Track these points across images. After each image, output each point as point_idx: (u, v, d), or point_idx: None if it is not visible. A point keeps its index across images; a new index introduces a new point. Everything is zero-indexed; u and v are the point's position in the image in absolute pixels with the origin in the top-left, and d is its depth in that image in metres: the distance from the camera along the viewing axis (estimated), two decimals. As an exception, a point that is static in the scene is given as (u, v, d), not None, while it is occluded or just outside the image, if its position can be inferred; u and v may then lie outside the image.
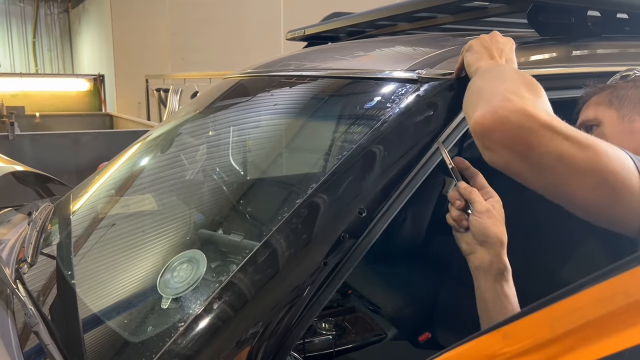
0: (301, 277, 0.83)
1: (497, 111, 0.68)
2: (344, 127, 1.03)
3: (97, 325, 0.95)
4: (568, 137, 0.66)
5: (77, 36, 9.33)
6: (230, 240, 0.94)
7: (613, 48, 1.25)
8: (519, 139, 0.67)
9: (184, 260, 0.91)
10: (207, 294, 0.84)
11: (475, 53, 0.90)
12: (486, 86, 0.77)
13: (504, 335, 0.44)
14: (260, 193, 1.08)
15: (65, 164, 3.63)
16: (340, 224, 0.84)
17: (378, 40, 1.63)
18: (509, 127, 0.67)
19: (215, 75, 4.62)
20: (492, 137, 0.68)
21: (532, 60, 1.12)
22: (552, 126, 0.66)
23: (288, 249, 0.84)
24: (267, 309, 0.82)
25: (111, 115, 6.26)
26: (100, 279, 1.10)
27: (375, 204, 0.86)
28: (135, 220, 1.27)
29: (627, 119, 0.95)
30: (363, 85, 1.08)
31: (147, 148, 1.65)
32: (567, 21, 1.20)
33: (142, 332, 0.86)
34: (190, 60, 6.61)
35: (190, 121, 1.60)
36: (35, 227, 1.49)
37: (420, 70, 1.00)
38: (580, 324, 0.41)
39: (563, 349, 0.41)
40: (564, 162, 0.65)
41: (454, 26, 1.78)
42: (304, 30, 2.13)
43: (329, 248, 0.83)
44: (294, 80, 1.27)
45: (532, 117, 0.67)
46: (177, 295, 0.86)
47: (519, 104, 0.68)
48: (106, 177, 1.65)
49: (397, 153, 0.90)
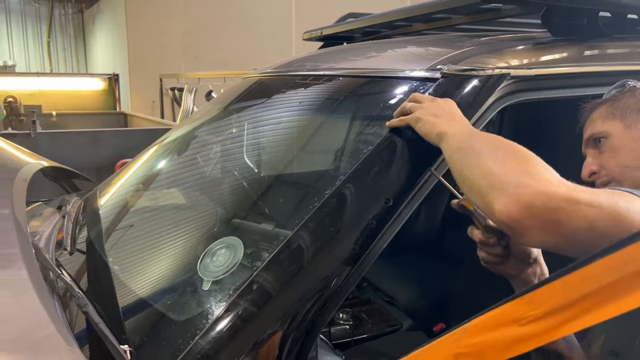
0: (333, 263, 0.90)
1: (519, 199, 0.68)
2: (370, 123, 1.09)
3: (141, 305, 1.02)
4: (591, 204, 0.67)
5: (91, 36, 9.46)
6: (263, 229, 1.01)
7: (624, 48, 1.30)
8: (547, 219, 0.68)
9: (222, 246, 0.98)
10: (244, 278, 0.91)
11: (427, 122, 0.93)
12: (487, 168, 0.77)
13: (529, 302, 0.51)
14: (292, 185, 1.15)
15: (84, 161, 3.72)
16: (368, 212, 0.91)
17: (396, 41, 1.69)
18: (535, 212, 0.68)
19: (229, 74, 4.69)
20: (522, 225, 0.69)
21: (546, 60, 1.17)
22: (573, 198, 0.68)
23: (321, 236, 0.91)
24: (300, 293, 0.88)
25: (125, 114, 6.37)
26: (141, 264, 1.18)
27: (400, 193, 0.93)
28: (170, 211, 1.34)
29: (634, 127, 0.99)
30: (388, 83, 1.15)
31: (175, 144, 1.72)
32: (579, 22, 1.24)
33: (186, 311, 0.93)
34: (204, 60, 6.69)
35: (217, 118, 1.67)
36: (70, 219, 1.57)
37: (442, 66, 1.06)
38: (593, 289, 0.47)
39: (580, 311, 0.48)
40: (594, 230, 0.66)
41: (468, 26, 1.84)
42: (321, 31, 2.19)
43: (358, 234, 0.90)
44: (319, 79, 1.33)
45: (553, 195, 0.68)
46: (217, 278, 0.93)
47: (536, 186, 0.69)
48: (135, 172, 1.73)
49: (420, 146, 0.96)
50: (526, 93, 1.10)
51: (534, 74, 1.10)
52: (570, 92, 1.16)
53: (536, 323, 0.50)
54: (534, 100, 1.13)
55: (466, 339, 0.53)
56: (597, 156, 1.02)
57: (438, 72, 1.08)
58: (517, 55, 1.12)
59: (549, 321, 0.50)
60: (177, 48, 6.83)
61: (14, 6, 9.39)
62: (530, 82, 1.10)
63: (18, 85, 6.54)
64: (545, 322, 0.50)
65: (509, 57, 1.11)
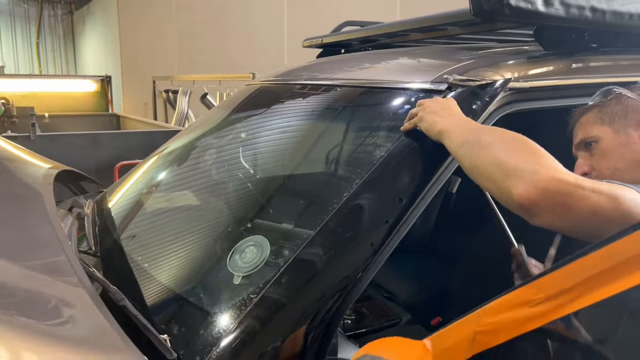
0: (352, 258, 0.99)
1: (536, 185, 0.78)
2: (382, 131, 1.19)
3: (171, 299, 1.11)
4: (594, 191, 0.78)
5: (80, 37, 9.45)
6: (288, 229, 1.11)
7: (608, 61, 1.41)
8: (559, 203, 0.77)
9: (250, 244, 1.07)
10: (271, 274, 1.01)
11: (428, 120, 1.03)
12: (499, 159, 0.86)
13: (537, 287, 0.61)
14: (312, 189, 1.25)
15: (83, 163, 3.76)
16: (384, 211, 1.01)
17: (399, 52, 1.79)
18: (549, 195, 0.77)
19: (225, 77, 4.76)
20: (538, 207, 0.78)
21: (539, 72, 1.28)
22: (580, 185, 0.78)
23: (342, 234, 1.00)
24: (324, 286, 0.98)
25: (118, 116, 6.40)
26: (167, 261, 1.27)
27: (412, 193, 1.03)
28: (194, 212, 1.43)
29: (622, 133, 1.09)
30: (397, 94, 1.25)
31: (189, 148, 1.80)
32: (568, 37, 1.35)
33: (218, 303, 1.02)
34: (197, 62, 6.75)
35: (230, 122, 1.75)
36: (89, 221, 1.64)
37: (448, 76, 1.16)
38: (589, 275, 0.58)
39: (578, 293, 0.58)
40: (597, 214, 0.77)
41: (464, 36, 1.94)
42: (322, 39, 2.29)
43: (374, 232, 1.00)
44: (331, 89, 1.43)
45: (565, 181, 0.78)
46: (247, 273, 1.02)
47: (549, 173, 0.79)
48: (151, 174, 1.80)
49: (428, 148, 1.06)
50: (522, 103, 1.21)
51: (528, 86, 1.21)
52: (560, 102, 1.27)
53: (543, 304, 0.60)
54: (529, 110, 1.24)
55: (484, 318, 0.63)
56: (588, 158, 1.13)
57: (443, 83, 1.19)
58: (513, 68, 1.23)
59: (553, 303, 0.60)
60: (171, 50, 6.88)
61: (2, 7, 9.35)
62: (526, 93, 1.21)
63: (10, 86, 6.54)
64: (550, 303, 0.60)
65: (506, 69, 1.22)
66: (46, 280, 0.94)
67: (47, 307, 0.86)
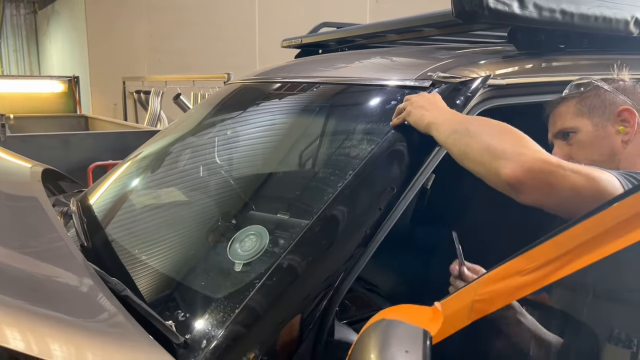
0: (349, 244, 1.05)
1: (522, 165, 0.86)
2: (371, 126, 1.26)
3: (171, 287, 1.14)
4: (575, 171, 0.87)
5: (45, 37, 9.22)
6: (284, 219, 1.16)
7: (575, 60, 1.51)
8: (542, 181, 0.86)
9: (249, 233, 1.12)
10: (271, 261, 1.05)
11: (416, 114, 1.10)
12: (486, 143, 0.94)
13: (527, 257, 0.68)
14: (307, 180, 1.31)
15: (55, 164, 3.70)
16: (377, 199, 1.08)
17: (381, 52, 1.86)
18: (534, 174, 0.86)
19: (199, 77, 4.76)
20: (524, 185, 0.87)
21: (514, 71, 1.37)
22: (562, 165, 0.87)
23: (339, 221, 1.06)
24: (324, 271, 1.03)
25: (86, 117, 6.29)
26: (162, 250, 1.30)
27: (402, 182, 1.10)
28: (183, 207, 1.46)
29: (600, 127, 1.17)
30: (383, 91, 1.32)
31: (172, 145, 1.83)
32: (539, 38, 1.45)
33: (221, 289, 1.06)
34: (167, 63, 6.70)
35: (218, 120, 1.79)
36: (76, 217, 1.65)
37: (432, 74, 1.24)
38: (575, 245, 0.65)
39: (565, 261, 0.66)
40: (577, 192, 0.86)
41: (439, 38, 2.03)
42: (301, 40, 2.34)
43: (369, 219, 1.06)
44: (318, 86, 1.49)
45: (547, 161, 0.87)
46: (248, 261, 1.07)
47: (534, 154, 0.88)
48: (141, 169, 1.82)
49: (415, 140, 1.14)
50: (499, 99, 1.30)
51: (505, 83, 1.29)
52: (534, 99, 1.37)
53: (534, 273, 0.68)
54: (506, 105, 1.32)
55: (481, 288, 0.70)
56: (565, 147, 1.20)
57: (427, 80, 1.26)
58: (491, 67, 1.32)
59: (542, 271, 0.67)
60: (141, 51, 6.80)
61: (-39, 6, 9.05)
62: (503, 90, 1.29)
63: (-29, 87, 6.34)
64: (540, 272, 0.67)
65: (485, 68, 1.30)
66: (55, 271, 0.96)
67: (62, 297, 0.88)
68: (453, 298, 0.69)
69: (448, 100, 1.19)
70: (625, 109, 1.17)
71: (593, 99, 1.20)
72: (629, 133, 1.16)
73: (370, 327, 0.65)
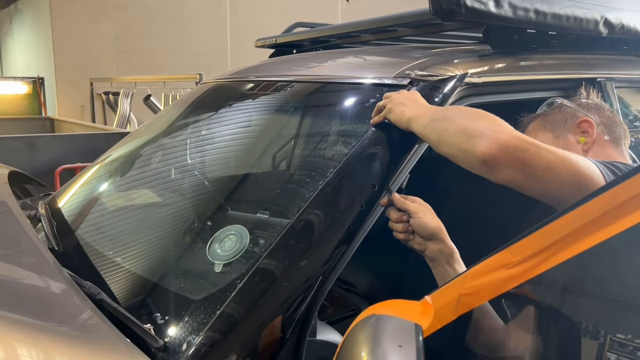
0: (330, 244, 1.05)
1: (497, 141, 0.87)
2: (351, 124, 1.25)
3: (154, 288, 1.11)
4: (549, 151, 0.88)
5: (7, 37, 8.93)
6: (262, 219, 1.14)
7: (547, 60, 1.55)
8: (517, 157, 0.86)
9: (229, 233, 1.09)
10: (252, 262, 1.04)
11: (397, 111, 1.10)
12: (462, 125, 0.94)
13: (512, 250, 0.68)
14: (287, 179, 1.29)
15: (20, 168, 3.60)
16: (359, 197, 1.07)
17: (358, 50, 1.87)
18: (509, 150, 0.87)
19: (170, 78, 4.68)
20: (498, 161, 0.87)
21: (489, 69, 1.38)
22: (537, 144, 0.88)
23: (322, 219, 1.05)
24: (306, 269, 1.02)
25: (52, 119, 6.10)
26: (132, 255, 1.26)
27: (383, 179, 1.10)
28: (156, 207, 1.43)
29: (562, 138, 1.23)
30: (362, 89, 1.32)
31: (144, 146, 1.79)
32: (512, 38, 1.48)
33: (201, 291, 1.04)
34: (135, 63, 6.57)
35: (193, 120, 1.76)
36: (46, 220, 1.60)
37: (410, 72, 1.24)
38: (559, 237, 0.66)
39: (550, 254, 0.66)
40: (551, 171, 0.86)
41: (411, 38, 2.05)
42: (275, 39, 2.33)
43: (351, 216, 1.06)
44: (294, 84, 1.48)
45: (521, 139, 0.88)
46: (228, 261, 1.05)
47: (507, 132, 0.89)
48: (109, 172, 1.77)
49: (396, 138, 1.14)
50: (476, 97, 1.31)
51: (482, 82, 1.31)
52: (509, 97, 1.39)
53: (519, 266, 0.68)
54: (482, 103, 1.34)
55: (467, 282, 0.70)
56: None
57: (405, 78, 1.27)
58: (468, 65, 1.33)
59: (527, 264, 0.68)
60: (109, 51, 6.65)
61: None
62: (479, 87, 1.31)
63: None
64: (526, 265, 0.68)
65: (462, 66, 1.31)
66: (26, 275, 0.92)
67: (34, 302, 0.85)
68: (442, 291, 0.69)
69: (426, 98, 1.19)
70: (584, 120, 1.24)
71: (556, 115, 1.27)
72: (588, 143, 1.21)
73: (360, 324, 0.64)
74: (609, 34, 1.49)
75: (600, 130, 1.23)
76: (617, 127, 1.26)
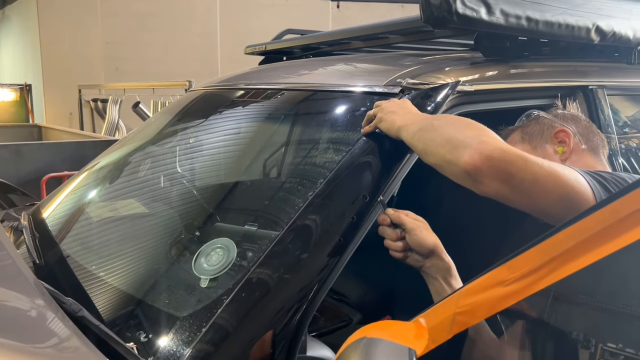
0: (321, 256, 1.01)
1: (481, 152, 0.84)
2: (342, 133, 1.23)
3: (138, 304, 1.07)
4: (536, 162, 0.85)
5: (-6, 44, 8.85)
6: (251, 231, 1.11)
7: (539, 67, 1.53)
8: (502, 169, 0.84)
9: (215, 247, 1.06)
10: (240, 276, 1.00)
11: (387, 120, 1.08)
12: (448, 135, 0.91)
13: (509, 267, 0.66)
14: (276, 190, 1.26)
15: (6, 176, 3.54)
16: (350, 208, 1.04)
17: (348, 58, 1.84)
18: (493, 162, 0.84)
19: (159, 85, 4.64)
20: (482, 173, 0.84)
21: (481, 77, 1.37)
22: (523, 155, 0.85)
23: (312, 231, 1.02)
24: (297, 283, 0.99)
25: (40, 127, 6.03)
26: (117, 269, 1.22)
27: (375, 190, 1.07)
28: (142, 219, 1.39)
29: (539, 148, 1.22)
30: (353, 97, 1.29)
31: (131, 154, 1.75)
32: (503, 45, 1.46)
33: (186, 307, 1.00)
34: (125, 70, 6.51)
35: (177, 127, 1.72)
36: (28, 233, 1.55)
37: (401, 80, 1.22)
38: (557, 253, 0.63)
39: (548, 270, 0.63)
40: (538, 183, 0.84)
41: (404, 45, 2.03)
42: (264, 46, 2.30)
43: (342, 228, 1.03)
44: (280, 92, 1.45)
45: (507, 151, 0.85)
46: (214, 276, 1.02)
47: (494, 143, 0.86)
48: (94, 182, 1.73)
49: (387, 148, 1.11)
50: (468, 105, 1.29)
51: (474, 89, 1.29)
52: (501, 105, 1.37)
53: (516, 283, 0.65)
54: (474, 112, 1.32)
55: (462, 300, 0.67)
56: None
57: (396, 87, 1.24)
58: (459, 73, 1.31)
59: (525, 281, 0.65)
60: (97, 58, 6.59)
61: None
62: (471, 96, 1.29)
63: None
64: (523, 282, 0.65)
65: (453, 74, 1.29)
66: (4, 294, 0.88)
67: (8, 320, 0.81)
68: (434, 311, 0.66)
69: (418, 106, 1.17)
70: (561, 130, 1.23)
71: (534, 126, 1.27)
72: (566, 152, 1.21)
73: (351, 347, 0.61)
74: (601, 41, 1.48)
75: (578, 139, 1.23)
76: (594, 136, 1.26)
